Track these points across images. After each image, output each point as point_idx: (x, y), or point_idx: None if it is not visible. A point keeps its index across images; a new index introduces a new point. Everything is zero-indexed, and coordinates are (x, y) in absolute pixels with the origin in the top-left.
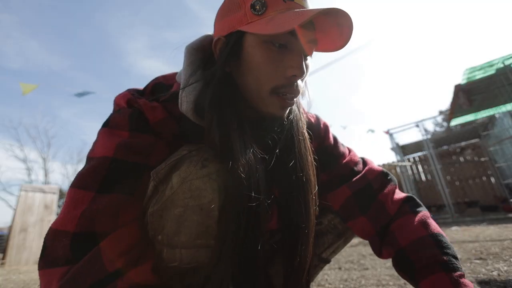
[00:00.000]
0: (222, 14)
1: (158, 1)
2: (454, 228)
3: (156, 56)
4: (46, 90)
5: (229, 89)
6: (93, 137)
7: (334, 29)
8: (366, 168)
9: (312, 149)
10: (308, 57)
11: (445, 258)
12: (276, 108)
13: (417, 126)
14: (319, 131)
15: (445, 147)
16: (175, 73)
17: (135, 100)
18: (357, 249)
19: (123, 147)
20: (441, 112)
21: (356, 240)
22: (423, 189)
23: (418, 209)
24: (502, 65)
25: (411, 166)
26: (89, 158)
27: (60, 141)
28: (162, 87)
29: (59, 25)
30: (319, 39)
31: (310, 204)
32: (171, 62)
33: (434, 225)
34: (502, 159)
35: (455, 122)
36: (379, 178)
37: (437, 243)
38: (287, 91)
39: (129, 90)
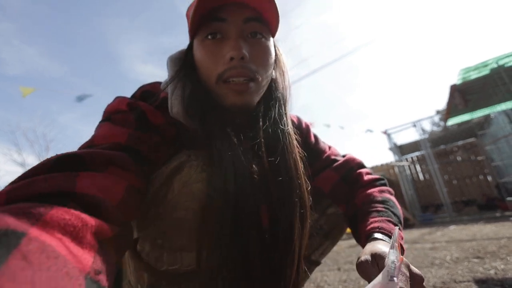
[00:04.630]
0: None
1: (154, 8)
2: (452, 227)
3: (153, 61)
4: (45, 95)
5: (201, 91)
6: None
7: (264, 1)
8: (347, 156)
9: (298, 145)
10: (260, 38)
11: (382, 207)
12: (230, 95)
13: (414, 126)
14: (301, 129)
15: (442, 147)
16: (159, 82)
17: (136, 103)
18: (356, 249)
19: (136, 138)
20: (438, 112)
21: (354, 241)
22: (421, 188)
23: (384, 187)
24: (496, 65)
25: (409, 166)
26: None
27: (59, 145)
28: (150, 94)
29: (57, 32)
30: (264, 12)
31: (302, 203)
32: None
33: (388, 193)
34: (499, 157)
35: (451, 121)
36: (359, 163)
37: (383, 201)
38: (231, 74)
39: (120, 97)
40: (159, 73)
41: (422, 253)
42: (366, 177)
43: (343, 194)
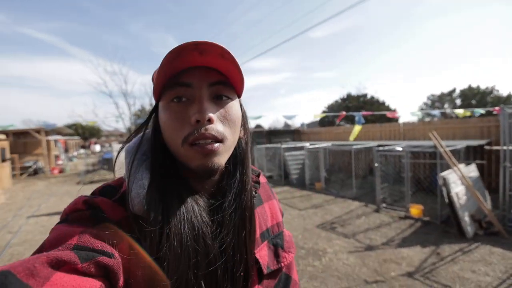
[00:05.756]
0: None
1: None
2: None
3: None
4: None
5: (163, 156)
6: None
7: (222, 62)
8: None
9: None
10: (226, 99)
11: None
12: (197, 157)
13: None
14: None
15: None
16: (122, 178)
17: (93, 200)
18: None
19: (92, 235)
20: None
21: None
22: None
23: None
24: None
25: None
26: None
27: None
28: (110, 189)
29: None
30: (230, 77)
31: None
32: None
33: None
34: None
35: None
36: None
37: None
38: (198, 137)
39: (79, 196)
40: None
41: None
42: None
43: None
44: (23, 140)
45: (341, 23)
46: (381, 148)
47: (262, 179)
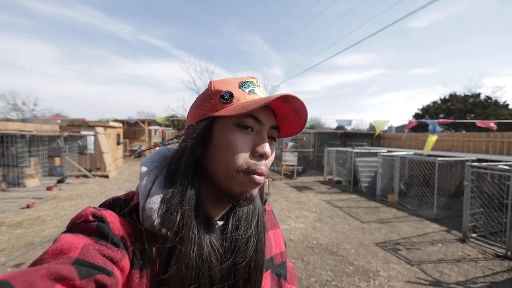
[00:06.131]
0: (195, 107)
1: None
2: None
3: None
4: None
5: (198, 171)
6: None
7: (292, 115)
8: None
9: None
10: (274, 143)
11: None
12: (246, 186)
13: None
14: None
15: None
16: (133, 191)
17: (101, 213)
18: None
19: (92, 248)
20: None
21: None
22: None
23: None
24: None
25: None
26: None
27: None
28: (120, 203)
29: None
30: (282, 125)
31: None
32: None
33: None
34: None
35: None
36: None
37: None
38: (256, 170)
39: (87, 208)
40: None
41: None
42: None
43: None
44: (133, 128)
45: (447, 9)
46: (477, 164)
47: (268, 207)
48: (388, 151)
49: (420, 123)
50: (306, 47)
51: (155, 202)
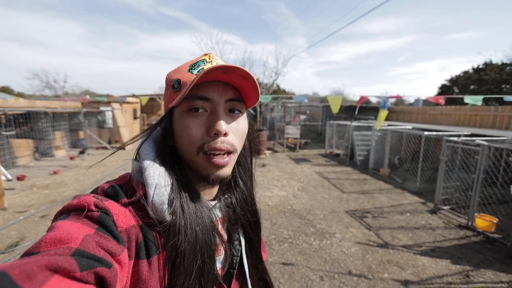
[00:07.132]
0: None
1: None
2: None
3: None
4: None
5: (175, 159)
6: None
7: (244, 83)
8: None
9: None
10: (240, 114)
11: None
12: (210, 169)
13: None
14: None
15: None
16: (127, 174)
17: (103, 203)
18: None
19: (92, 240)
20: None
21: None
22: None
23: None
24: None
25: None
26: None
27: None
28: (117, 189)
29: None
30: (245, 96)
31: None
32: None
33: None
34: None
35: None
36: None
37: None
38: (213, 148)
39: (82, 195)
40: None
41: None
42: None
43: None
44: (151, 103)
45: None
46: (454, 138)
47: None
48: (388, 125)
49: (446, 96)
50: (330, 12)
51: (163, 193)
